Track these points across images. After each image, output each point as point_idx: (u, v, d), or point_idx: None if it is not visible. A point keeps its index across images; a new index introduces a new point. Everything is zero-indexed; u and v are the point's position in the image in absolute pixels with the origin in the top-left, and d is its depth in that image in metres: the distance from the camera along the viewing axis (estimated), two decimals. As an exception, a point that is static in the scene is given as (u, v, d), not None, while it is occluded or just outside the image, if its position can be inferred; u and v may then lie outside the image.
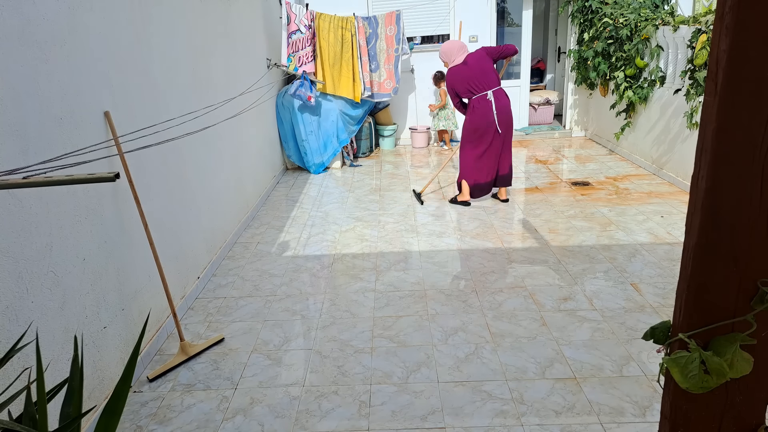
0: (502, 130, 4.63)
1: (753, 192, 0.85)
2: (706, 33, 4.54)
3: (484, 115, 4.57)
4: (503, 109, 4.59)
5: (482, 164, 4.77)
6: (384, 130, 7.38)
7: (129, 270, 2.63)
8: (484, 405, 2.32)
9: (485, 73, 4.53)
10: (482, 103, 4.56)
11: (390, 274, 3.62)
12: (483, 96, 4.56)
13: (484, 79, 4.53)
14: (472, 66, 4.54)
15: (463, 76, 4.57)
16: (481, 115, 4.58)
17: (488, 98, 4.55)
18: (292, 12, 5.79)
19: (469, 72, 4.54)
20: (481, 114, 4.58)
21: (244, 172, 4.76)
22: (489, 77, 4.54)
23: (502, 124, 4.62)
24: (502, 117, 4.60)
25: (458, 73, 4.58)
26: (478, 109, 4.58)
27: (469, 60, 4.56)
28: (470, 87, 4.57)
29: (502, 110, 4.58)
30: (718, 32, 0.83)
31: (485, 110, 4.56)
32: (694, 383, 0.93)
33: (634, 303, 3.08)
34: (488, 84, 4.55)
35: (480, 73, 4.53)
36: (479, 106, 4.57)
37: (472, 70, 4.53)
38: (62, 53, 2.17)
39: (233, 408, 2.39)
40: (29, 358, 1.82)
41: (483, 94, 4.56)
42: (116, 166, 2.56)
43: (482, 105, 4.56)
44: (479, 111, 4.58)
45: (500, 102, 4.57)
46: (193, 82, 3.59)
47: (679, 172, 5.09)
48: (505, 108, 4.60)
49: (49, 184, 1.20)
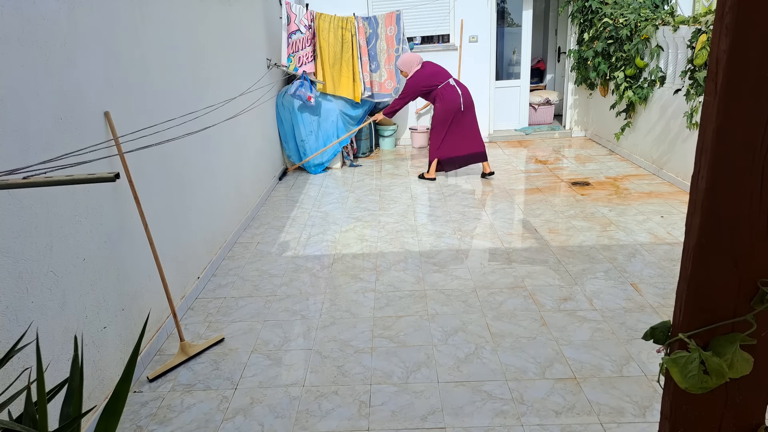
0: (465, 108, 5.57)
1: (753, 192, 0.85)
2: (706, 33, 4.54)
3: (452, 99, 5.51)
4: (466, 92, 5.59)
5: (452, 141, 5.64)
6: (384, 130, 7.38)
7: (129, 270, 2.63)
8: (484, 405, 2.32)
9: (441, 69, 5.69)
10: (448, 89, 5.53)
11: (390, 274, 3.62)
12: (446, 83, 5.56)
13: (443, 73, 5.63)
14: (430, 65, 5.68)
15: (432, 72, 5.61)
16: (450, 99, 5.51)
17: (451, 84, 5.55)
18: (292, 12, 5.79)
19: (431, 69, 5.62)
20: (450, 98, 5.51)
21: (244, 172, 4.76)
22: (446, 72, 5.67)
23: (465, 104, 5.57)
24: (466, 99, 5.58)
25: (422, 72, 5.59)
26: (447, 95, 5.52)
27: (425, 63, 5.68)
28: (436, 80, 5.58)
29: (465, 93, 5.58)
30: (718, 32, 0.83)
31: (453, 94, 5.51)
32: (693, 383, 0.93)
33: (634, 303, 3.08)
34: (447, 75, 5.63)
35: (438, 69, 5.66)
36: (447, 92, 5.52)
37: (432, 67, 5.65)
38: (62, 53, 2.17)
39: (233, 408, 2.39)
40: (29, 358, 1.82)
41: (446, 82, 5.57)
42: (116, 166, 2.56)
43: (449, 91, 5.52)
44: (448, 96, 5.51)
45: (462, 87, 5.59)
46: (193, 82, 3.59)
47: (679, 172, 5.09)
48: (466, 91, 5.60)
49: (49, 184, 1.20)
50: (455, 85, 5.53)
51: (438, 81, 5.56)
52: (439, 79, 5.56)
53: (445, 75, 5.59)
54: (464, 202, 5.08)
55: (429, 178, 5.82)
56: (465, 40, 7.30)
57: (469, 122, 5.61)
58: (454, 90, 5.51)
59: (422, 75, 5.57)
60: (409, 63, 5.64)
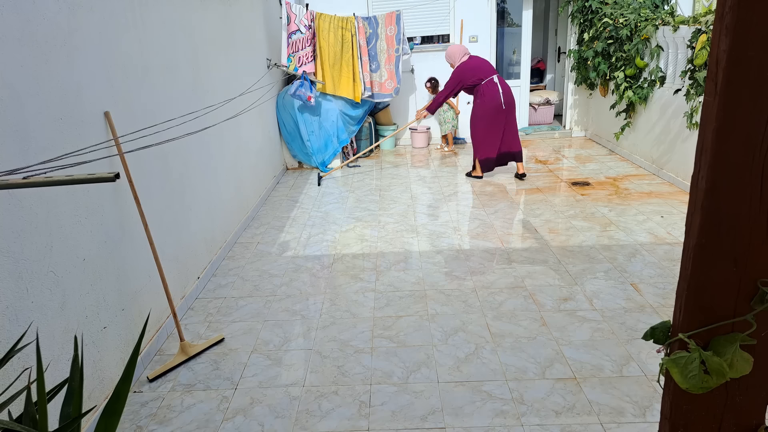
0: (506, 107, 5.43)
1: (753, 192, 0.85)
2: (706, 33, 4.54)
3: (493, 97, 5.39)
4: (507, 91, 5.44)
5: (490, 140, 5.52)
6: (384, 130, 7.37)
7: (129, 270, 2.63)
8: (484, 405, 2.32)
9: (486, 64, 5.55)
10: (490, 86, 5.40)
11: (390, 274, 3.62)
12: (490, 80, 5.41)
13: (489, 68, 5.49)
14: (475, 59, 5.55)
15: (472, 66, 5.48)
16: (490, 97, 5.40)
17: (495, 81, 5.40)
18: (292, 12, 5.79)
19: (478, 63, 5.51)
20: (490, 96, 5.39)
21: (244, 172, 4.76)
22: (491, 67, 5.52)
23: (507, 103, 5.43)
24: (507, 98, 5.43)
25: (467, 65, 5.48)
26: (488, 93, 5.40)
27: (472, 57, 5.57)
28: (480, 75, 5.44)
29: (506, 92, 5.42)
30: (718, 32, 0.83)
31: (494, 92, 5.39)
32: (694, 383, 0.93)
33: (634, 303, 3.08)
34: (492, 71, 5.47)
35: (484, 63, 5.54)
36: (488, 90, 5.40)
37: (479, 60, 5.54)
38: (62, 53, 2.17)
39: (233, 408, 2.39)
40: (29, 358, 1.82)
41: (490, 79, 5.42)
42: (116, 166, 2.56)
43: (491, 88, 5.39)
44: (489, 94, 5.39)
45: (504, 85, 5.44)
46: (193, 82, 3.59)
47: (679, 172, 5.09)
48: (508, 90, 5.45)
49: (49, 184, 1.20)
50: (498, 82, 5.40)
51: (482, 76, 5.42)
52: (482, 74, 5.42)
53: (489, 71, 5.45)
54: (464, 202, 5.08)
55: (475, 176, 5.79)
56: (465, 40, 7.30)
57: (508, 121, 5.49)
58: (496, 88, 5.38)
59: (467, 67, 5.45)
60: (454, 54, 5.56)
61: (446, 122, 7.18)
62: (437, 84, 7.12)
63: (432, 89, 7.13)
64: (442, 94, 5.61)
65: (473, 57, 5.56)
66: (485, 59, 5.60)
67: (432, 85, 7.12)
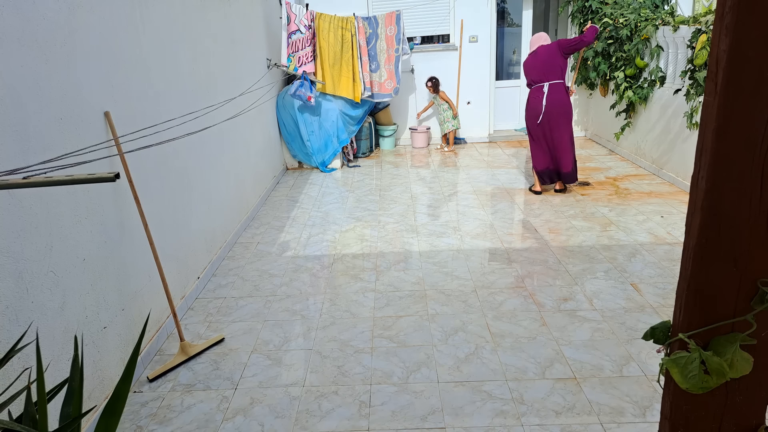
0: (546, 121, 4.81)
1: (753, 192, 0.85)
2: (706, 33, 4.54)
3: (532, 106, 4.88)
4: (554, 103, 4.75)
5: (535, 152, 5.07)
6: (384, 130, 7.38)
7: (129, 270, 2.63)
8: (484, 405, 2.32)
9: (549, 65, 4.74)
10: (536, 94, 4.84)
11: (390, 274, 3.62)
12: (539, 87, 4.81)
13: (545, 71, 4.76)
14: (540, 56, 4.79)
15: (528, 65, 4.90)
16: (532, 105, 4.89)
17: (543, 90, 4.77)
18: (292, 12, 5.79)
19: (534, 62, 4.83)
20: (532, 105, 4.88)
21: (244, 171, 4.76)
22: (552, 70, 4.74)
23: (549, 116, 4.79)
24: (551, 109, 4.76)
25: (526, 63, 4.92)
26: (531, 100, 4.90)
27: (540, 50, 4.80)
28: (532, 77, 4.87)
29: (552, 103, 4.75)
30: (718, 32, 0.83)
31: (536, 101, 4.83)
32: (694, 383, 0.93)
33: (634, 303, 3.08)
34: (548, 76, 4.75)
35: (543, 65, 4.76)
36: (532, 97, 4.89)
37: (538, 60, 4.80)
38: (62, 53, 2.17)
39: (233, 408, 2.39)
40: (29, 358, 1.82)
41: (539, 85, 4.81)
42: (116, 166, 2.56)
43: (535, 96, 4.85)
44: (531, 101, 4.89)
45: (553, 96, 4.74)
46: (193, 82, 3.59)
47: (679, 172, 5.09)
48: (556, 102, 4.75)
49: (49, 184, 1.20)
50: (546, 91, 4.75)
51: (533, 78, 4.86)
52: (534, 76, 4.85)
53: (541, 75, 4.79)
54: (464, 202, 5.08)
55: (534, 191, 5.17)
56: (465, 40, 7.30)
57: (553, 136, 4.86)
58: (539, 96, 4.79)
59: (524, 67, 4.95)
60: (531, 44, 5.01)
61: (446, 122, 7.18)
62: (438, 83, 7.11)
63: (433, 88, 7.12)
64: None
65: (538, 52, 4.83)
66: (548, 58, 4.76)
67: (433, 85, 7.11)
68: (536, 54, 4.82)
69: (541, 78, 4.78)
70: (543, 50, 4.78)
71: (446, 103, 7.13)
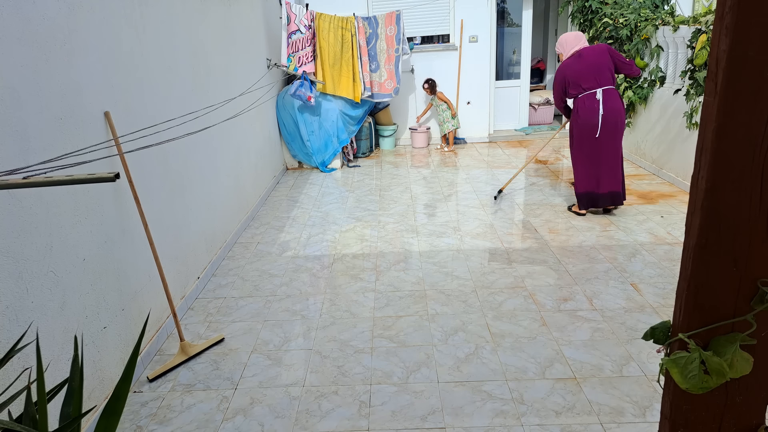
0: (604, 134, 4.14)
1: (753, 192, 0.85)
2: (706, 33, 4.54)
3: (588, 116, 4.16)
4: (611, 112, 4.10)
5: (584, 172, 4.31)
6: (384, 130, 7.38)
7: (129, 270, 2.63)
8: (484, 405, 2.32)
9: (599, 68, 4.10)
10: (588, 102, 4.15)
11: (390, 274, 3.62)
12: (591, 94, 4.13)
13: (596, 75, 4.11)
14: (587, 58, 4.14)
15: (574, 69, 4.18)
16: (584, 117, 4.18)
17: (596, 97, 4.11)
18: (292, 12, 5.79)
19: (581, 65, 4.15)
20: (585, 115, 4.18)
21: (244, 172, 4.76)
22: (603, 74, 4.11)
23: (606, 129, 4.13)
24: (608, 120, 4.11)
25: (570, 65, 4.21)
26: (583, 109, 4.18)
27: (585, 52, 4.17)
28: (580, 82, 4.17)
29: (609, 113, 4.10)
30: (718, 32, 0.83)
31: (591, 110, 4.13)
32: (694, 383, 0.93)
33: (634, 303, 3.08)
34: (600, 81, 4.11)
35: (593, 68, 4.11)
36: (584, 105, 4.17)
37: (586, 62, 4.13)
38: (62, 53, 2.17)
39: (233, 408, 2.39)
40: (29, 358, 1.82)
41: (591, 92, 4.13)
42: (116, 166, 2.56)
43: (588, 105, 4.15)
44: (584, 110, 4.18)
45: (609, 104, 4.10)
46: (193, 82, 3.59)
47: (679, 172, 5.09)
48: (613, 111, 4.10)
49: (49, 184, 1.20)
50: (601, 99, 4.10)
51: (583, 85, 4.15)
52: (584, 82, 4.14)
53: (593, 80, 4.12)
54: (464, 202, 5.08)
55: (575, 212, 4.53)
56: (465, 40, 7.30)
57: (607, 150, 4.21)
58: (595, 105, 4.11)
59: (567, 69, 4.22)
60: (564, 43, 4.31)
61: (446, 122, 7.18)
62: (434, 85, 7.12)
63: (430, 90, 7.12)
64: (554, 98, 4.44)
65: (583, 55, 4.16)
66: (597, 60, 4.11)
67: (429, 86, 7.10)
68: (581, 57, 4.16)
69: (592, 84, 4.11)
70: (589, 52, 4.15)
71: (444, 103, 7.13)
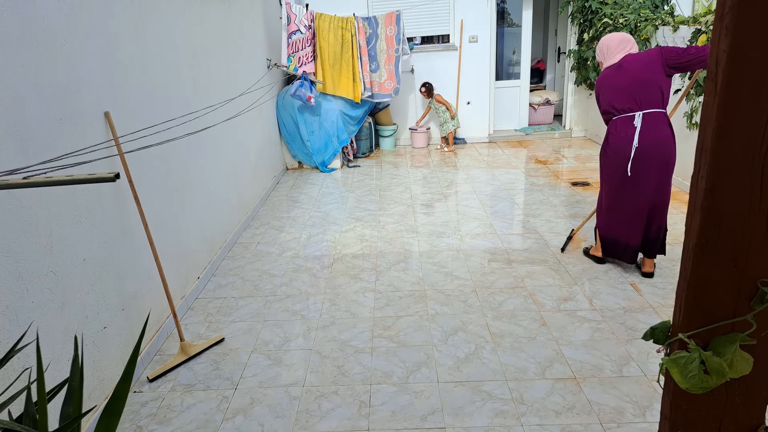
0: (639, 172, 3.17)
1: (753, 192, 0.85)
2: (706, 33, 4.54)
3: (620, 145, 3.19)
4: (651, 144, 3.10)
5: (618, 214, 3.35)
6: (384, 130, 7.38)
7: (129, 270, 2.63)
8: (484, 405, 2.32)
9: (644, 85, 3.07)
10: (623, 128, 3.17)
11: (390, 274, 3.62)
12: (628, 118, 3.14)
13: (637, 94, 3.09)
14: (628, 71, 3.12)
15: (609, 85, 3.21)
16: (616, 145, 3.22)
17: (634, 123, 3.12)
18: (292, 12, 5.79)
19: (619, 81, 3.15)
20: (617, 144, 3.21)
21: (244, 172, 4.76)
22: (648, 92, 3.07)
23: (642, 164, 3.15)
24: (645, 155, 3.13)
25: (606, 79, 3.24)
26: (615, 136, 3.22)
27: (626, 63, 3.14)
28: (613, 102, 3.19)
29: (649, 144, 3.10)
30: (718, 32, 0.83)
31: (624, 139, 3.16)
32: (694, 383, 0.93)
33: (634, 303, 3.08)
34: (641, 102, 3.10)
35: (635, 84, 3.09)
36: (616, 133, 3.22)
37: (625, 77, 3.12)
38: (62, 53, 2.17)
39: (233, 408, 2.39)
40: (29, 358, 1.82)
41: (628, 116, 3.14)
42: (116, 166, 2.56)
43: (622, 131, 3.18)
44: (614, 140, 3.23)
45: (651, 133, 3.09)
46: (193, 82, 3.59)
47: (679, 172, 5.09)
48: (655, 143, 3.10)
49: (49, 184, 1.20)
50: (639, 126, 3.10)
51: (617, 106, 3.18)
52: (619, 102, 3.16)
53: (631, 100, 3.11)
54: (464, 202, 5.08)
55: (593, 256, 3.64)
56: (465, 40, 7.30)
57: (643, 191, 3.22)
58: (630, 132, 3.13)
59: (600, 86, 3.29)
60: (605, 48, 3.29)
61: (446, 123, 7.17)
62: (431, 88, 7.12)
63: (427, 93, 7.12)
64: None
65: (624, 66, 3.14)
66: (643, 75, 3.07)
67: (426, 90, 7.11)
68: (621, 68, 3.14)
69: (629, 105, 3.12)
70: (633, 62, 3.12)
71: (443, 105, 7.13)
